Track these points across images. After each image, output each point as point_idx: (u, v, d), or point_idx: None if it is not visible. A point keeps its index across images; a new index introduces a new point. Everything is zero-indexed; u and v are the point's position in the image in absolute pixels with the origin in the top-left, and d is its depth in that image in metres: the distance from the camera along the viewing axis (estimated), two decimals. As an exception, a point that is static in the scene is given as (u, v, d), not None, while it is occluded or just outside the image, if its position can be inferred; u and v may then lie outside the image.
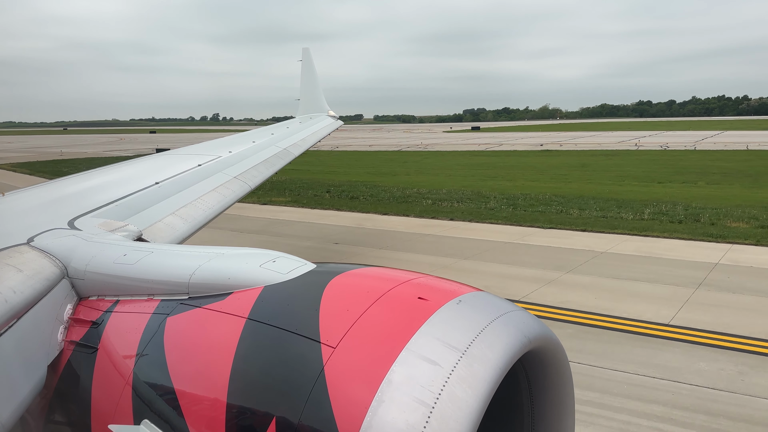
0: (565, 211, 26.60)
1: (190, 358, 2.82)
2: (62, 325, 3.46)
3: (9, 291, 3.31)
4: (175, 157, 9.34)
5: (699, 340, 11.70)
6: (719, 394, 9.40)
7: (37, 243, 3.99)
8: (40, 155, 77.63)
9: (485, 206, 28.62)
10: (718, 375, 10.07)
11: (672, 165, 49.00)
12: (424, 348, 2.31)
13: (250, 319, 2.74)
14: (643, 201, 28.81)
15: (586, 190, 33.96)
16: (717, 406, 9.05)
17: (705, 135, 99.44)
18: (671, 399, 9.29)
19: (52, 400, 3.40)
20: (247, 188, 8.85)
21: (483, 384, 2.21)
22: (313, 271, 2.98)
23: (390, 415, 2.17)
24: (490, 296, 2.66)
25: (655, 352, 11.11)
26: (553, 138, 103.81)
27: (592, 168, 48.66)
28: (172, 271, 3.30)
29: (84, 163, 57.36)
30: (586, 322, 12.82)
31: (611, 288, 15.29)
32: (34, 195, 6.25)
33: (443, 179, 41.79)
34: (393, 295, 2.60)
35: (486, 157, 64.58)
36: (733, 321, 12.67)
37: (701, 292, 14.74)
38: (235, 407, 2.53)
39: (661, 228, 22.52)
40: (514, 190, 34.31)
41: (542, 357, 2.63)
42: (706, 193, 32.21)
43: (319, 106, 20.36)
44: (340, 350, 2.41)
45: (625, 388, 9.66)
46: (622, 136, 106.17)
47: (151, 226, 5.73)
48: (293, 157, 12.71)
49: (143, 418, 2.82)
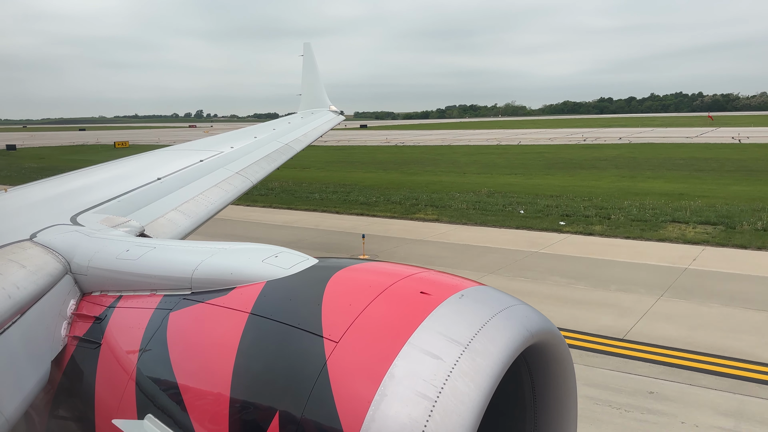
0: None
1: (193, 353, 2.82)
2: (66, 320, 3.47)
3: (12, 287, 3.31)
4: (176, 152, 9.33)
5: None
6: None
7: (39, 239, 4.00)
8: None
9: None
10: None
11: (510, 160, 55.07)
12: (427, 342, 2.32)
13: (252, 314, 2.74)
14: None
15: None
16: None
17: (611, 132, 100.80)
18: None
19: (56, 395, 3.41)
20: (249, 183, 8.84)
21: (485, 378, 2.21)
22: (315, 266, 2.98)
23: (393, 409, 2.17)
24: (493, 290, 2.66)
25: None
26: (449, 135, 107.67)
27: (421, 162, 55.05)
28: (175, 266, 3.30)
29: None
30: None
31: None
32: (36, 191, 6.25)
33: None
34: (395, 290, 2.60)
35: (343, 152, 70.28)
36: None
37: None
38: (238, 402, 2.53)
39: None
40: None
41: (545, 351, 2.62)
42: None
43: (320, 101, 20.28)
44: (343, 345, 2.41)
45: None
46: (511, 134, 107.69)
47: (154, 222, 5.73)
48: (295, 152, 12.69)
49: (147, 412, 2.82)
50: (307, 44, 21.71)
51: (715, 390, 9.68)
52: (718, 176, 37.70)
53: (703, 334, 12.08)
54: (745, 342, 11.64)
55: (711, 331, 12.23)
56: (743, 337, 11.90)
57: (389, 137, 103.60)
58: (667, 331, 12.23)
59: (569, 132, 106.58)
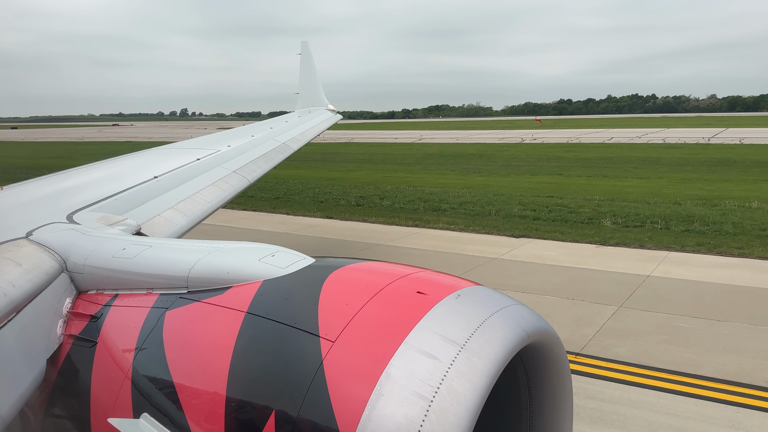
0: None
1: (189, 351, 2.82)
2: (61, 318, 3.46)
3: (8, 285, 3.31)
4: (173, 151, 9.31)
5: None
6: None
7: (35, 237, 3.99)
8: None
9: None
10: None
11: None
12: (423, 342, 2.32)
13: (249, 313, 2.74)
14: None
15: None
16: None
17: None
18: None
19: (52, 394, 3.40)
20: (246, 182, 8.84)
21: (481, 378, 2.21)
22: (312, 266, 2.98)
23: (389, 409, 2.17)
24: (489, 290, 2.67)
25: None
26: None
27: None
28: (171, 265, 3.30)
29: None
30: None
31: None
32: (32, 189, 6.23)
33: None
34: (392, 290, 2.60)
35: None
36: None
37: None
38: (234, 401, 2.53)
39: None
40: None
41: (540, 351, 2.63)
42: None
43: (317, 100, 20.27)
44: (339, 344, 2.41)
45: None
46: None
47: (150, 221, 5.72)
48: (292, 151, 12.68)
49: (142, 411, 2.82)
50: (304, 43, 21.69)
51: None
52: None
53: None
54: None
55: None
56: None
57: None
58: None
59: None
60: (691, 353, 9.83)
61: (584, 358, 9.77)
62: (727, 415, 7.85)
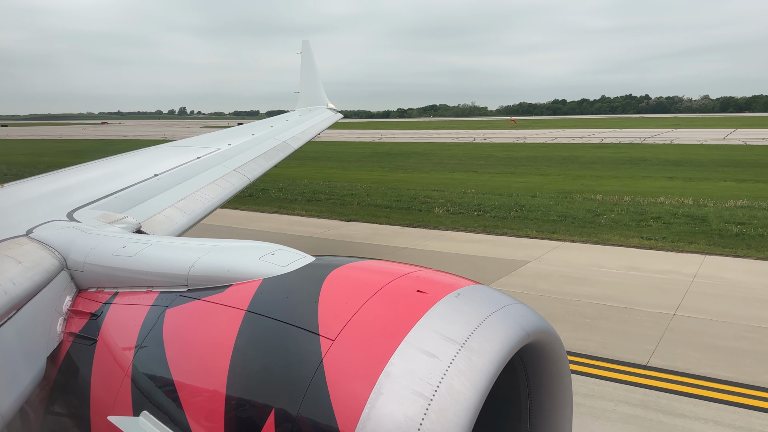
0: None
1: (189, 350, 2.82)
2: (61, 316, 3.46)
3: (8, 282, 3.31)
4: (174, 149, 9.31)
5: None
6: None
7: (36, 235, 3.99)
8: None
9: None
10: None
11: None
12: (423, 341, 2.32)
13: (249, 312, 2.74)
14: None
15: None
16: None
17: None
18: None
19: (52, 392, 3.40)
20: (247, 181, 8.83)
21: (481, 377, 2.21)
22: (312, 264, 2.98)
23: (388, 408, 2.17)
24: (489, 289, 2.67)
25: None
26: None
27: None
28: (171, 263, 3.30)
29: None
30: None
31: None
32: (33, 186, 6.23)
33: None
34: (392, 288, 2.60)
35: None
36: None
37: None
38: (233, 399, 2.53)
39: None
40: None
41: (540, 350, 2.63)
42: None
43: (318, 99, 20.25)
44: (339, 343, 2.41)
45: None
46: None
47: (150, 219, 5.72)
48: (292, 150, 12.67)
49: (142, 409, 2.82)
50: (305, 42, 21.68)
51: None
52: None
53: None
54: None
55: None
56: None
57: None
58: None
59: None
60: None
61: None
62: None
